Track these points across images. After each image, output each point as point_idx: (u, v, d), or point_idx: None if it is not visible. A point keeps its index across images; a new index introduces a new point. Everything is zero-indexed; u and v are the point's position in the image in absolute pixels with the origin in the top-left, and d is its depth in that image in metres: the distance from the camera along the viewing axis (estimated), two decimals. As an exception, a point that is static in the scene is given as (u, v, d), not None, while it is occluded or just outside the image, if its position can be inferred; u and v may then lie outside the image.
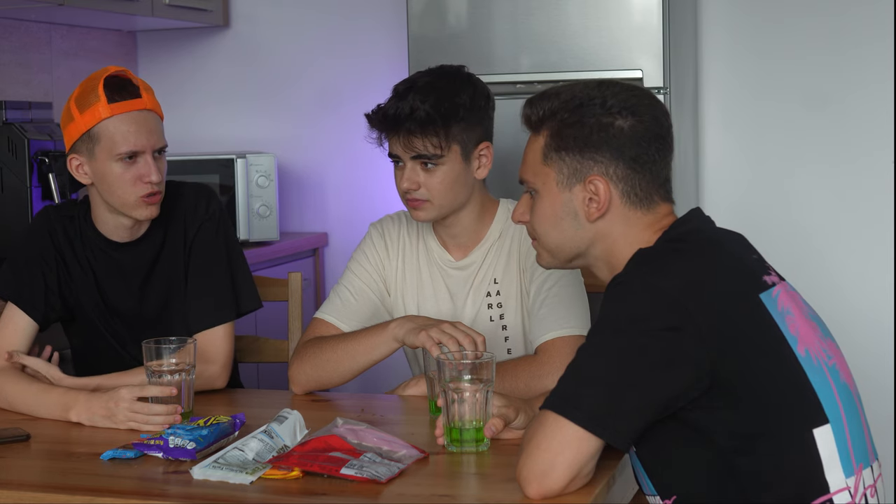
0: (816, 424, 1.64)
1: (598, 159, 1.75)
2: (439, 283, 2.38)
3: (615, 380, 1.61)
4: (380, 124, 2.26)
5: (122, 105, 2.21)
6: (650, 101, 1.80)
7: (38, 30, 3.84)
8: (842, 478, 1.64)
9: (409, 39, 3.48)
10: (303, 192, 4.24)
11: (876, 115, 3.62)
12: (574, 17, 3.35)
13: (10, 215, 3.31)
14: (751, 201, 3.75)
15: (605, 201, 1.75)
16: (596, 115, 1.75)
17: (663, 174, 1.79)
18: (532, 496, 1.61)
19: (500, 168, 3.10)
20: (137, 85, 2.24)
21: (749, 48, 3.74)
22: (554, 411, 1.61)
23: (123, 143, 2.21)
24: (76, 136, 2.24)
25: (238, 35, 4.29)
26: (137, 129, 2.22)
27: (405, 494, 1.68)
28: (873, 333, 3.62)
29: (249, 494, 1.69)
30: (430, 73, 2.31)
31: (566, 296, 2.27)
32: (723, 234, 1.81)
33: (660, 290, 1.62)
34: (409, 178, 2.26)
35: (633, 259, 1.72)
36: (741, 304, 1.67)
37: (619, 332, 1.63)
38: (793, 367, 1.66)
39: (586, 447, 1.60)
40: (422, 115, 2.21)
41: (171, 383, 2.04)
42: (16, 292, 2.32)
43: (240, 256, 2.41)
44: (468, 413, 1.84)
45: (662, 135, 1.78)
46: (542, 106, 1.80)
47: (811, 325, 1.73)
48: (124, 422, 2.04)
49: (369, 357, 2.22)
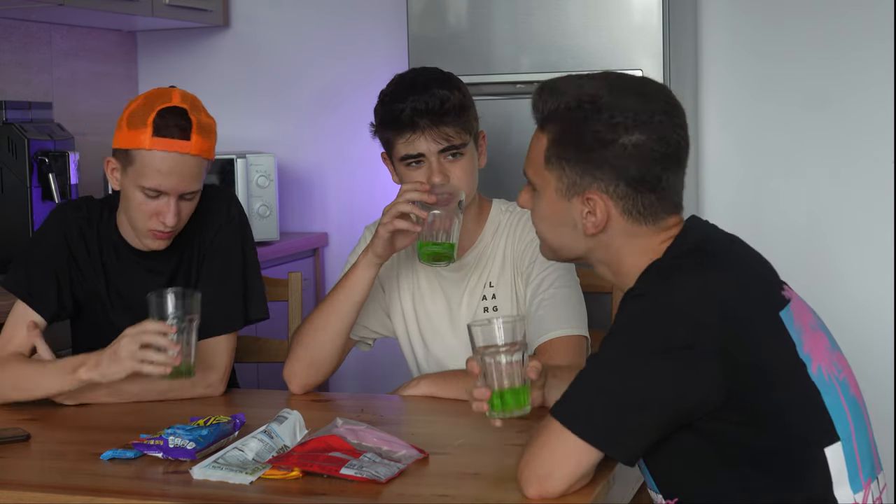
0: (828, 443, 1.62)
1: (597, 176, 1.67)
2: (434, 285, 2.38)
3: (625, 398, 1.59)
4: (406, 121, 2.22)
5: (165, 142, 2.15)
6: (664, 111, 1.68)
7: (38, 30, 3.84)
8: (850, 494, 1.63)
9: (409, 39, 3.48)
10: (303, 192, 4.24)
11: (876, 115, 3.62)
12: (574, 17, 3.35)
13: (10, 215, 3.31)
14: (750, 201, 3.75)
15: (602, 219, 1.69)
16: (599, 130, 1.65)
17: (671, 191, 1.70)
18: (532, 497, 1.61)
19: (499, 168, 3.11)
20: (191, 125, 2.17)
21: (749, 49, 3.74)
22: (561, 422, 1.60)
23: (151, 179, 2.17)
24: (118, 146, 2.22)
25: (238, 35, 4.29)
26: (170, 171, 2.16)
27: (405, 494, 1.68)
28: (874, 333, 3.61)
29: (249, 494, 1.69)
30: (421, 71, 2.32)
31: (563, 296, 2.27)
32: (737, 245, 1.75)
33: (677, 309, 1.59)
34: (439, 171, 2.23)
35: (648, 272, 1.67)
36: (760, 324, 1.63)
37: (634, 350, 1.60)
38: (807, 388, 1.63)
39: (587, 458, 1.60)
40: (455, 103, 2.22)
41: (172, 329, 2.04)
42: (26, 291, 2.31)
43: (255, 264, 2.40)
44: (507, 376, 1.76)
45: (672, 152, 1.67)
46: (548, 102, 1.71)
47: (820, 338, 1.70)
48: (128, 359, 2.05)
49: (353, 299, 2.24)
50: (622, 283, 1.75)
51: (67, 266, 2.33)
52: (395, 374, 2.72)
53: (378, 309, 2.41)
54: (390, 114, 2.24)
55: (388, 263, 2.38)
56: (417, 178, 2.24)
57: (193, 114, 2.19)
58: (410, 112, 2.21)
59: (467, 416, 2.11)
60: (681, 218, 1.74)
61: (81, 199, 2.43)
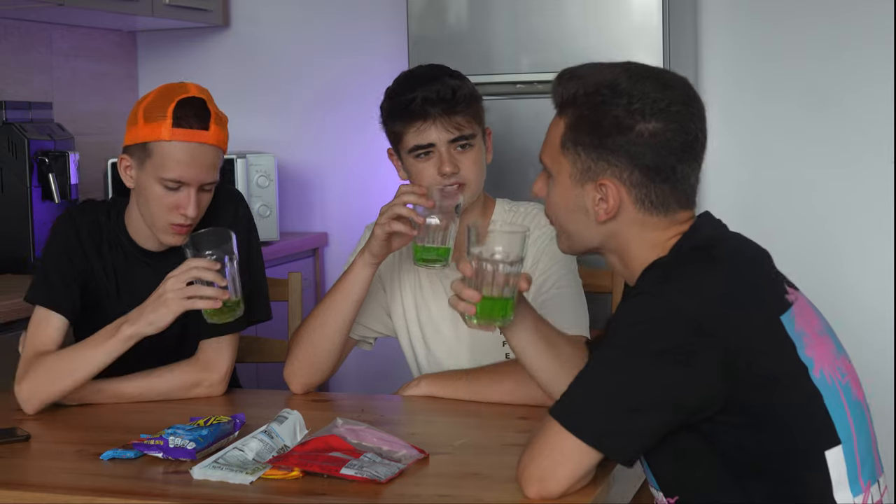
0: (829, 446, 1.62)
1: (612, 162, 1.66)
2: (436, 283, 2.38)
3: (624, 400, 1.58)
4: (417, 110, 2.23)
5: (185, 133, 2.15)
6: (683, 102, 1.67)
7: (38, 30, 3.84)
8: (850, 497, 1.62)
9: (409, 39, 3.48)
10: (303, 192, 4.24)
11: (876, 114, 3.62)
12: (574, 17, 3.35)
13: (10, 215, 3.30)
14: (750, 201, 3.75)
15: (614, 206, 1.68)
16: (617, 115, 1.65)
17: (685, 184, 1.69)
18: (532, 497, 1.61)
19: (499, 168, 3.11)
20: (209, 115, 2.18)
21: (749, 48, 3.74)
22: (560, 423, 1.60)
23: (172, 170, 2.17)
24: (134, 141, 2.20)
25: (238, 35, 4.29)
26: (191, 161, 2.16)
27: (405, 494, 1.68)
28: (874, 332, 3.61)
29: (249, 494, 1.69)
30: (420, 67, 2.36)
31: (565, 296, 2.27)
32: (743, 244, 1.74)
33: (679, 310, 1.57)
34: (450, 161, 2.24)
35: (650, 270, 1.67)
36: (762, 327, 1.62)
37: (634, 351, 1.59)
38: (808, 391, 1.62)
39: (588, 460, 1.60)
40: (466, 92, 2.25)
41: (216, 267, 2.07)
42: (48, 298, 2.27)
43: (260, 266, 2.39)
44: (498, 285, 1.74)
45: (689, 143, 1.67)
46: (568, 87, 1.70)
47: (825, 341, 1.69)
48: (175, 300, 2.06)
49: (351, 297, 2.23)
50: (629, 275, 1.74)
51: (82, 265, 2.31)
52: (396, 375, 2.72)
53: (379, 308, 2.41)
54: (400, 105, 2.25)
55: (389, 262, 2.38)
56: (427, 170, 2.24)
57: (211, 105, 2.20)
58: (421, 101, 2.22)
59: (467, 415, 2.12)
60: (693, 214, 1.73)
61: (85, 203, 2.42)
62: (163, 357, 2.29)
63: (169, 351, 2.32)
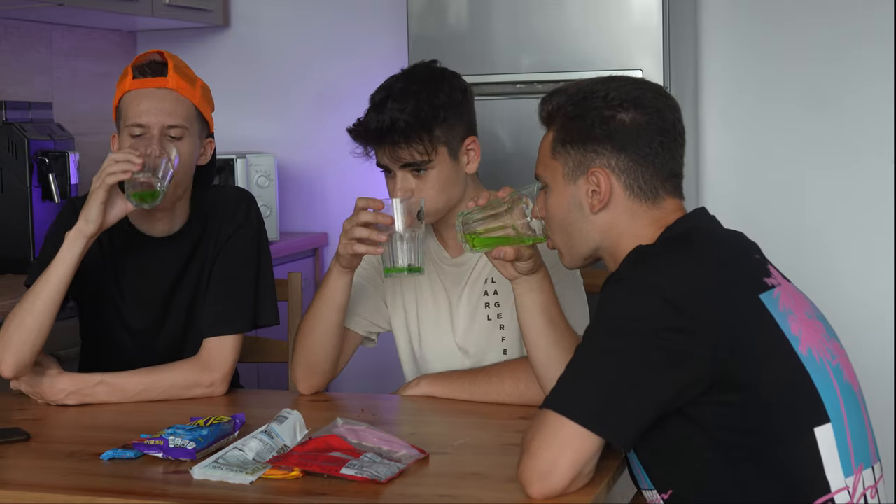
0: (817, 423, 1.64)
1: (599, 151, 1.77)
2: (435, 280, 2.38)
3: (615, 380, 1.61)
4: (363, 138, 2.25)
5: (143, 81, 2.26)
6: (655, 94, 1.81)
7: (38, 30, 3.84)
8: (841, 477, 1.64)
9: (409, 39, 3.48)
10: (303, 192, 4.24)
11: (875, 115, 3.62)
12: (574, 17, 3.35)
13: (10, 215, 3.30)
14: (750, 201, 3.75)
15: (606, 193, 1.76)
16: (598, 108, 1.77)
17: (668, 167, 1.79)
18: (534, 496, 1.61)
19: (499, 168, 3.11)
20: (167, 65, 2.27)
21: (749, 49, 3.74)
22: (554, 410, 1.61)
23: (133, 116, 2.25)
24: (114, 114, 2.31)
25: (238, 35, 4.29)
26: (149, 105, 2.25)
27: (405, 494, 1.68)
28: (874, 331, 3.62)
29: (249, 494, 1.69)
30: (404, 76, 2.29)
31: (565, 297, 2.26)
32: (725, 233, 1.81)
33: (658, 290, 1.62)
34: (403, 187, 2.23)
35: (631, 256, 1.73)
36: (740, 303, 1.67)
37: (618, 332, 1.63)
38: (794, 365, 1.65)
39: (587, 446, 1.60)
40: (402, 125, 2.18)
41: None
42: None
43: (268, 269, 2.40)
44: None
45: (667, 128, 1.79)
46: (551, 102, 1.83)
47: (815, 324, 1.73)
48: (97, 189, 2.13)
49: (334, 303, 2.23)
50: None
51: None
52: (396, 375, 2.72)
53: (380, 302, 2.41)
54: (358, 124, 2.26)
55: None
56: (390, 186, 2.26)
57: (170, 58, 2.30)
58: (366, 129, 2.23)
59: (467, 415, 2.12)
60: (680, 205, 1.80)
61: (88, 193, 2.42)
62: (166, 355, 2.30)
63: (172, 349, 2.32)
